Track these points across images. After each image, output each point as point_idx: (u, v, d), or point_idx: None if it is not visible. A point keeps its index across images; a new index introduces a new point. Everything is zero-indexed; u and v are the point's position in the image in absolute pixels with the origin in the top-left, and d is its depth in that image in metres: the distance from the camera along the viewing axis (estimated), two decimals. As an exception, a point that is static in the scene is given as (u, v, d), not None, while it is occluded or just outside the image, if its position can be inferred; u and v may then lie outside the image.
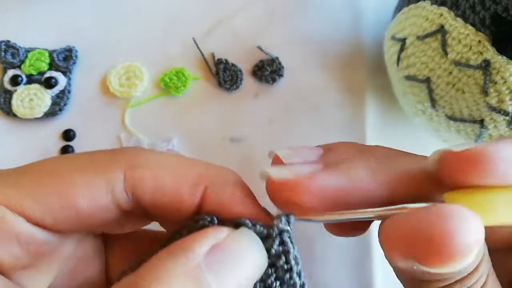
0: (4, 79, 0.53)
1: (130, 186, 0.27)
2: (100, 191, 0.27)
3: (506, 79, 0.37)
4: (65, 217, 0.27)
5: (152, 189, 0.27)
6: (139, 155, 0.28)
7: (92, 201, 0.27)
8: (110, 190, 0.27)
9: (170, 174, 0.28)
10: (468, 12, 0.39)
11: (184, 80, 0.53)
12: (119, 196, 0.27)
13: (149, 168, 0.28)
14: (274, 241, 0.26)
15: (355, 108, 0.53)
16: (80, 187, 0.27)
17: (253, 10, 0.58)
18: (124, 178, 0.27)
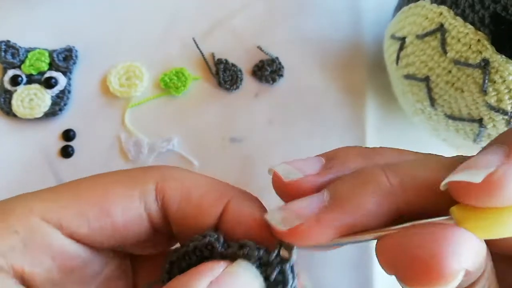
0: (4, 79, 0.53)
1: (160, 195, 0.29)
2: (134, 203, 0.28)
3: (505, 78, 0.37)
4: (100, 227, 0.28)
5: (179, 198, 0.29)
6: (170, 170, 0.30)
7: (126, 212, 0.28)
8: (143, 201, 0.29)
9: (196, 186, 0.29)
10: (468, 11, 0.39)
11: (184, 80, 0.53)
12: (150, 206, 0.29)
13: (178, 180, 0.29)
14: (274, 269, 0.26)
15: (355, 108, 0.53)
16: (115, 197, 0.28)
17: (253, 10, 0.58)
18: (156, 188, 0.29)
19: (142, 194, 0.29)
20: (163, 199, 0.29)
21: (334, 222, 0.25)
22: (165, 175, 0.29)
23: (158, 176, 0.29)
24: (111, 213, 0.28)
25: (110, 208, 0.28)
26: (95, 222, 0.28)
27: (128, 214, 0.28)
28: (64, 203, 0.28)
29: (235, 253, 0.27)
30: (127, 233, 0.29)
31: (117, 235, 0.29)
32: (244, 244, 0.27)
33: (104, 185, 0.29)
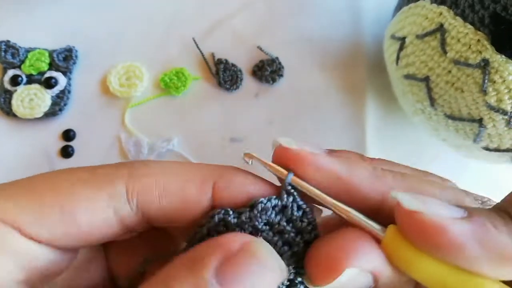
0: (4, 79, 0.53)
1: (132, 197, 0.27)
2: (101, 206, 0.26)
3: (505, 78, 0.37)
4: (65, 233, 0.26)
5: (158, 197, 0.27)
6: (142, 165, 0.27)
7: (93, 217, 0.26)
8: (112, 204, 0.26)
9: (174, 179, 0.27)
10: (468, 11, 0.39)
11: (184, 80, 0.53)
12: (121, 210, 0.26)
13: (152, 176, 0.27)
14: (292, 205, 0.27)
15: (355, 108, 0.53)
16: (80, 202, 0.26)
17: (253, 10, 0.58)
18: (127, 191, 0.26)
19: (110, 198, 0.26)
20: (138, 200, 0.27)
21: (328, 162, 0.27)
22: (135, 173, 0.27)
23: (128, 175, 0.27)
24: (74, 218, 0.26)
25: (74, 212, 0.26)
26: (56, 227, 0.26)
27: (95, 220, 0.26)
28: (23, 202, 0.26)
29: (250, 216, 0.27)
30: (96, 236, 0.27)
31: (84, 239, 0.27)
32: (254, 203, 0.27)
33: (68, 185, 0.26)
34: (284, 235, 0.27)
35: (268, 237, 0.27)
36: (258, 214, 0.27)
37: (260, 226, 0.27)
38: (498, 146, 0.41)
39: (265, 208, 0.27)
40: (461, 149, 0.46)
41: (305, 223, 0.28)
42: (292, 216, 0.27)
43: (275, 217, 0.27)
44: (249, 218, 0.27)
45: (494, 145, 0.41)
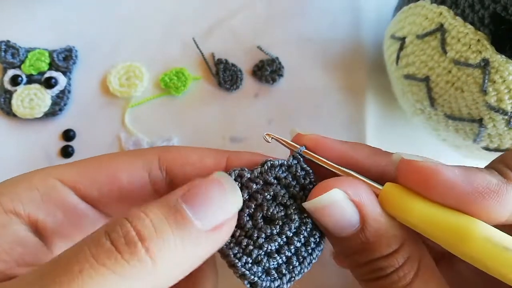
0: (4, 79, 0.53)
1: (163, 164, 0.34)
2: (138, 168, 0.33)
3: (505, 78, 0.37)
4: (109, 190, 0.33)
5: (182, 163, 0.34)
6: (168, 146, 0.37)
7: (132, 176, 0.33)
8: (147, 168, 0.33)
9: (195, 153, 0.34)
10: (468, 11, 0.39)
11: (184, 80, 0.53)
12: (154, 173, 0.33)
13: (177, 151, 0.34)
14: (297, 166, 0.33)
15: (355, 108, 0.53)
16: (122, 165, 0.33)
17: (253, 10, 0.58)
18: (159, 158, 0.34)
19: (145, 163, 0.33)
20: (167, 167, 0.34)
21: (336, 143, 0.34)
22: (164, 149, 0.35)
23: (160, 149, 0.34)
24: (118, 178, 0.33)
25: (117, 174, 0.33)
26: (104, 185, 0.32)
27: (133, 180, 0.33)
28: (77, 170, 0.33)
29: (261, 171, 0.33)
30: (132, 198, 0.33)
31: (124, 200, 0.33)
32: (265, 161, 0.33)
33: (111, 157, 0.34)
34: (290, 189, 0.33)
35: (277, 189, 0.32)
36: (268, 170, 0.33)
37: (270, 179, 0.32)
38: (498, 146, 0.41)
39: (274, 165, 0.33)
40: (461, 149, 0.46)
41: (307, 181, 0.33)
42: (296, 173, 0.33)
43: (282, 173, 0.33)
44: (260, 173, 0.32)
45: (494, 145, 0.41)
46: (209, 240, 0.28)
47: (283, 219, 0.32)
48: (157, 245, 0.26)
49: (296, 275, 0.31)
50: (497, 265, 0.26)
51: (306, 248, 0.32)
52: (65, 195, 0.32)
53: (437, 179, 0.28)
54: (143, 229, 0.26)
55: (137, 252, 0.25)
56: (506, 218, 0.28)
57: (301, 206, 0.32)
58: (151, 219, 0.26)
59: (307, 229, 0.32)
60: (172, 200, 0.28)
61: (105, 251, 0.25)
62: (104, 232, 0.26)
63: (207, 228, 0.28)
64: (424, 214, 0.28)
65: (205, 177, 0.30)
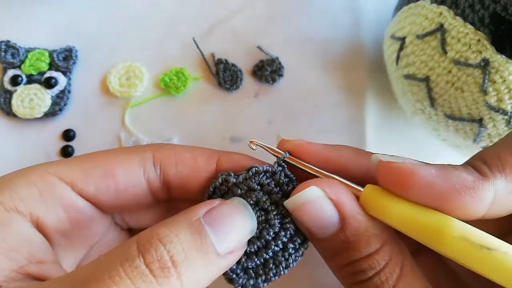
0: (4, 79, 0.53)
1: (157, 162, 0.34)
2: (134, 166, 0.34)
3: (505, 78, 0.37)
4: (105, 188, 0.33)
5: (175, 162, 0.35)
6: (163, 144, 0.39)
7: (127, 173, 0.34)
8: (142, 166, 0.34)
9: (188, 151, 0.35)
10: (468, 11, 0.39)
11: (184, 80, 0.53)
12: (149, 170, 0.34)
13: (171, 149, 0.35)
14: (281, 173, 0.35)
15: (355, 108, 0.53)
16: (118, 162, 0.34)
17: (253, 10, 0.58)
18: (153, 156, 0.34)
19: (141, 160, 0.34)
20: (161, 165, 0.35)
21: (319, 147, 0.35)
22: (158, 147, 0.35)
23: (154, 148, 0.35)
24: (114, 175, 0.33)
25: (113, 171, 0.33)
26: (100, 182, 0.33)
27: (129, 177, 0.34)
28: (75, 167, 0.33)
29: (246, 177, 0.34)
30: (128, 196, 0.34)
31: (120, 197, 0.34)
32: (251, 167, 0.34)
33: (107, 154, 0.35)
34: (272, 196, 0.34)
35: (259, 195, 0.34)
36: (252, 176, 0.34)
37: (253, 185, 0.34)
38: (498, 146, 0.41)
39: (258, 171, 0.34)
40: (461, 149, 0.46)
41: (290, 187, 0.34)
42: (279, 180, 0.34)
43: (266, 180, 0.34)
44: (244, 179, 0.34)
45: (494, 145, 0.41)
46: (224, 262, 0.30)
47: (263, 224, 0.33)
48: (186, 269, 0.27)
49: (272, 276, 0.33)
50: (474, 263, 0.27)
51: (284, 253, 0.33)
52: (63, 191, 0.33)
53: (413, 179, 0.28)
54: (176, 254, 0.27)
55: (170, 277, 0.26)
56: (483, 213, 0.28)
57: (283, 212, 0.33)
58: (181, 243, 0.27)
59: (287, 235, 0.33)
60: (195, 219, 0.29)
61: (140, 273, 0.26)
62: (138, 251, 0.26)
63: (225, 253, 0.29)
64: (402, 214, 0.29)
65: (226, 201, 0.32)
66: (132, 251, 0.26)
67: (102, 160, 0.34)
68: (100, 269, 0.26)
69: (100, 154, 0.35)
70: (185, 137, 0.52)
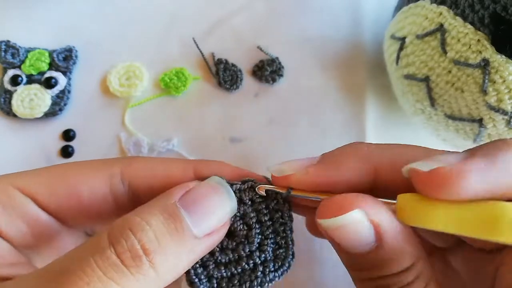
0: (4, 79, 0.53)
1: (126, 177, 0.32)
2: (100, 182, 0.32)
3: (505, 78, 0.37)
4: (68, 203, 0.32)
5: (146, 176, 0.33)
6: (135, 157, 0.36)
7: (92, 190, 0.32)
8: (109, 182, 0.32)
9: (162, 163, 0.33)
10: (468, 11, 0.39)
11: (184, 80, 0.53)
12: (116, 187, 0.32)
13: (143, 162, 0.33)
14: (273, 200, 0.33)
15: (355, 108, 0.53)
16: (83, 177, 0.32)
17: (253, 10, 0.58)
18: (122, 172, 0.33)
19: (107, 176, 0.32)
20: (130, 180, 0.33)
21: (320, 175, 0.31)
22: (129, 160, 0.33)
23: (123, 162, 0.33)
24: (78, 193, 0.32)
25: (78, 188, 0.32)
26: (63, 199, 0.32)
27: (94, 193, 0.32)
28: (39, 180, 0.32)
29: (240, 189, 0.33)
30: (92, 212, 0.33)
31: (83, 213, 0.32)
32: (247, 180, 0.33)
33: (73, 168, 0.33)
34: (259, 214, 0.33)
35: (248, 210, 0.33)
36: (246, 189, 0.33)
37: (245, 199, 0.33)
38: (498, 146, 0.41)
39: (253, 187, 0.33)
40: (461, 149, 0.46)
41: (278, 215, 0.33)
42: (270, 204, 0.33)
43: (258, 198, 0.33)
44: (238, 190, 0.33)
45: (494, 145, 0.41)
46: (203, 245, 0.29)
47: (242, 239, 0.33)
48: (159, 257, 0.27)
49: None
50: None
51: (251, 274, 0.32)
52: (25, 204, 0.31)
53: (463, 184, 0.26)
54: (148, 242, 0.26)
55: (142, 265, 0.26)
56: None
57: (265, 234, 0.33)
58: (154, 230, 0.27)
59: (261, 258, 0.32)
60: (170, 203, 0.28)
61: (111, 264, 0.25)
62: (109, 243, 0.26)
63: (202, 235, 0.29)
64: (450, 215, 0.27)
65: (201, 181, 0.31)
66: (103, 243, 0.26)
67: (67, 175, 0.32)
68: (71, 262, 0.26)
69: (65, 167, 0.33)
70: (185, 137, 0.52)
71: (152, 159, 0.34)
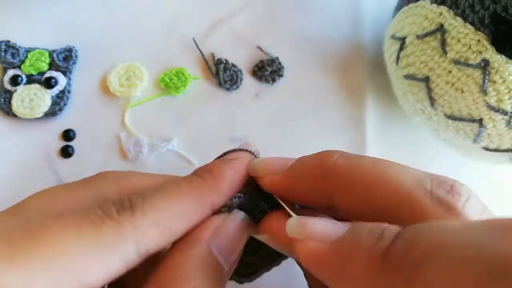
0: (4, 79, 0.53)
1: (142, 251, 0.27)
2: (114, 266, 0.27)
3: (505, 79, 0.37)
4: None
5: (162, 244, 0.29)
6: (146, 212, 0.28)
7: (106, 275, 0.26)
8: (124, 262, 0.27)
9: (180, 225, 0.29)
10: (468, 11, 0.39)
11: (184, 80, 0.53)
12: (131, 262, 0.27)
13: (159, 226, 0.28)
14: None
15: (355, 108, 0.53)
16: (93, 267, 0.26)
17: (253, 10, 0.58)
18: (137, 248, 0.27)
19: (122, 257, 0.27)
20: (146, 251, 0.28)
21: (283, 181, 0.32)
22: (141, 228, 0.27)
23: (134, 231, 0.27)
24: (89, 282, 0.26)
25: (90, 279, 0.26)
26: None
27: (108, 278, 0.27)
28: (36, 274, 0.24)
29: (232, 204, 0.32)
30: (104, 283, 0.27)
31: None
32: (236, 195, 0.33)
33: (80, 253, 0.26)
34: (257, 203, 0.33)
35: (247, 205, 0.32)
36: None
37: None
38: (498, 146, 0.41)
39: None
40: (461, 149, 0.46)
41: None
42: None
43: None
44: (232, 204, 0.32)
45: (494, 145, 0.41)
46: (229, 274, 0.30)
47: None
48: None
49: None
50: None
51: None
52: None
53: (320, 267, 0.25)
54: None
55: None
56: None
57: None
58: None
59: None
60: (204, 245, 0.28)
61: None
62: None
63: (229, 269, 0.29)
64: None
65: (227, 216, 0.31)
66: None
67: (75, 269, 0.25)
68: None
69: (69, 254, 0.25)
70: (185, 137, 0.52)
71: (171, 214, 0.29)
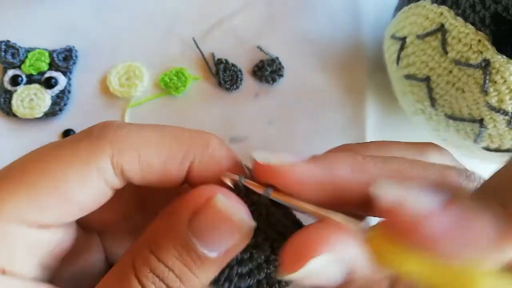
0: (4, 79, 0.53)
1: (118, 170, 0.28)
2: (93, 181, 0.28)
3: (506, 79, 0.37)
4: (65, 213, 0.28)
5: (140, 170, 0.28)
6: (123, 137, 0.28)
7: (88, 192, 0.28)
8: (102, 178, 0.28)
9: (156, 154, 0.29)
10: (468, 11, 0.39)
11: (184, 80, 0.53)
12: (110, 180, 0.28)
13: (135, 149, 0.28)
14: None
15: (355, 108, 0.53)
16: (74, 183, 0.27)
17: (253, 10, 0.58)
18: (112, 165, 0.28)
19: (99, 172, 0.28)
20: (123, 173, 0.28)
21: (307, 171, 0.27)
22: (118, 145, 0.28)
23: (111, 147, 0.28)
24: (71, 198, 0.27)
25: (69, 193, 0.27)
26: (57, 210, 0.28)
27: (91, 193, 0.28)
28: (24, 198, 0.27)
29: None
30: (94, 206, 0.29)
31: (82, 211, 0.29)
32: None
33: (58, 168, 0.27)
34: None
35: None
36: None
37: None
38: (499, 146, 0.41)
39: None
40: (461, 149, 0.46)
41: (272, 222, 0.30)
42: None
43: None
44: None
45: (494, 146, 0.42)
46: (222, 262, 0.28)
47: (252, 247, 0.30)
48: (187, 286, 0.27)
49: None
50: None
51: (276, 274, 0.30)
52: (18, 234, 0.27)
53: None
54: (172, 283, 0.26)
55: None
56: None
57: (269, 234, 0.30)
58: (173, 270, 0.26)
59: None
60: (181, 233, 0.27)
61: None
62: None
63: (220, 255, 0.27)
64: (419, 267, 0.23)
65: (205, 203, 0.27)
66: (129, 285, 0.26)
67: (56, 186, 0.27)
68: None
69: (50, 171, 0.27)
70: (185, 137, 0.52)
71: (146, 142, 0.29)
